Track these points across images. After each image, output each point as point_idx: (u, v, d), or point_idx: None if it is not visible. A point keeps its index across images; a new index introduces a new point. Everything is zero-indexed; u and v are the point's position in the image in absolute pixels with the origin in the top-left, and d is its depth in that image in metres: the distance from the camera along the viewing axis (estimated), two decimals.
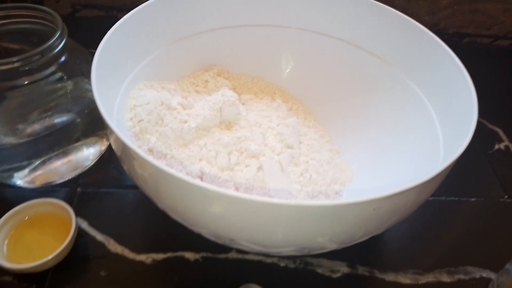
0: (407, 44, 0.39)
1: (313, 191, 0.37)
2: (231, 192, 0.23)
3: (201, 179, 0.35)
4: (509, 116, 0.53)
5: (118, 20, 0.35)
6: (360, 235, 0.29)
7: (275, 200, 0.23)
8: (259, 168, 0.35)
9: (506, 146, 0.49)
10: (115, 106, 0.34)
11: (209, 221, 0.26)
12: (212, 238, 0.30)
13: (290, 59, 0.46)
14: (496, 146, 0.49)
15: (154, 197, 0.29)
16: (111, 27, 0.34)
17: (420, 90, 0.38)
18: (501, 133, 0.51)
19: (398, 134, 0.39)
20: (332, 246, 0.29)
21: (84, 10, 0.62)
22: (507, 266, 0.33)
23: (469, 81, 0.33)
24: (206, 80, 0.43)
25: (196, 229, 0.29)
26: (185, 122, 0.36)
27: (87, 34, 0.42)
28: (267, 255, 0.36)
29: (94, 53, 0.32)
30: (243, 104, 0.43)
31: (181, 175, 0.24)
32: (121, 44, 0.35)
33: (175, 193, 0.26)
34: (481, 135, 0.50)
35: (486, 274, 0.36)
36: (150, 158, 0.25)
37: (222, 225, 0.26)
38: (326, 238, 0.27)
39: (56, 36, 0.34)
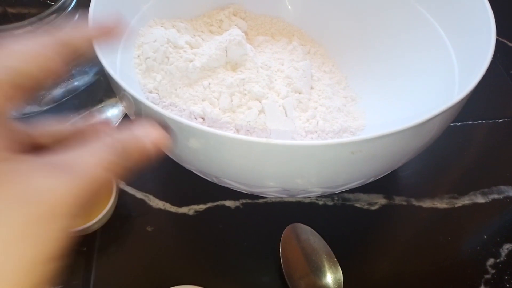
0: None
1: (318, 138, 0.36)
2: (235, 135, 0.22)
3: (203, 119, 0.35)
4: None
5: None
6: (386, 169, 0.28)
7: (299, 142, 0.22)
8: (261, 111, 0.35)
9: None
10: (120, 44, 0.34)
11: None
12: (237, 189, 0.30)
13: None
14: None
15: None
16: None
17: (433, 19, 0.36)
18: None
19: (415, 77, 0.37)
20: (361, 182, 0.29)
21: None
22: None
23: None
24: (221, 20, 0.42)
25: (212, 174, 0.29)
26: (191, 61, 0.36)
27: None
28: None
29: None
30: (258, 46, 0.42)
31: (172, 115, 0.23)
32: None
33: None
34: (502, 55, 0.49)
35: None
36: (135, 94, 0.25)
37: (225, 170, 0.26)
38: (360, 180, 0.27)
39: None
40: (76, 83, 0.36)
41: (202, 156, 0.26)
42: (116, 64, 0.33)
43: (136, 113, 0.28)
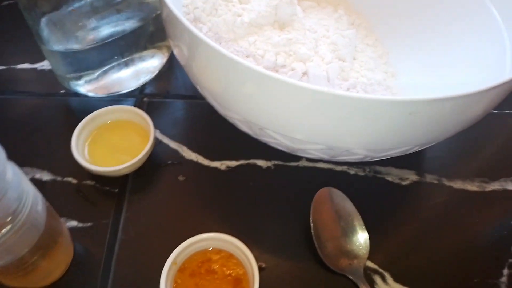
0: None
1: None
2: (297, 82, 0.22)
3: None
4: None
5: None
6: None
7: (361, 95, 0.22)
8: (305, 73, 0.34)
9: None
10: None
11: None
12: (276, 146, 0.30)
13: None
14: None
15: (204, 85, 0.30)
16: None
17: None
18: None
19: (462, 61, 0.36)
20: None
21: None
22: None
23: None
24: None
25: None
26: (239, 16, 0.35)
27: None
28: (336, 163, 0.37)
29: None
30: (303, 10, 0.41)
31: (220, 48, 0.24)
32: None
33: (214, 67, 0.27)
34: None
35: None
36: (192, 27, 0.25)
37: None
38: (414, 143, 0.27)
39: None
40: (122, 26, 0.36)
41: (254, 103, 0.26)
42: None
43: (189, 54, 0.28)
